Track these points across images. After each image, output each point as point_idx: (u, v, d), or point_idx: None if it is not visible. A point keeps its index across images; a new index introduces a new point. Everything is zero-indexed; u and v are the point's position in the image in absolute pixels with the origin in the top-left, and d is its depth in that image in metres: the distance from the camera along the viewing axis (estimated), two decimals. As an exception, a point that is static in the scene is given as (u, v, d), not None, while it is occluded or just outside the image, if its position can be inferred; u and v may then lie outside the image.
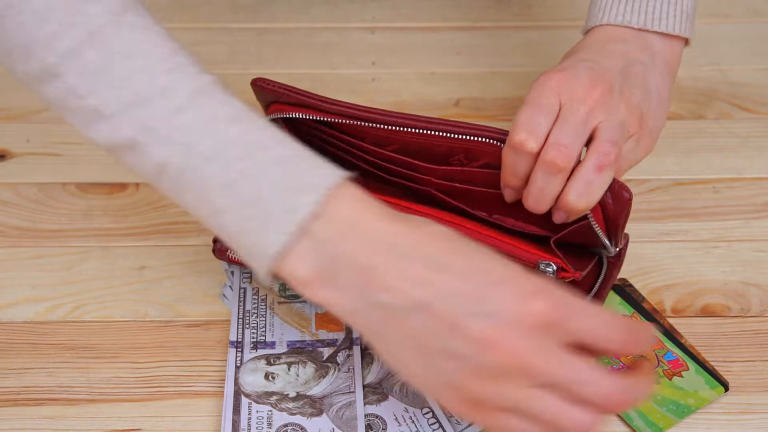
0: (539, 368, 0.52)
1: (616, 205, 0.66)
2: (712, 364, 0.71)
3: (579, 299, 0.53)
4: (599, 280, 0.70)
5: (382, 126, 0.69)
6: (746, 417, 0.68)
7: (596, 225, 0.66)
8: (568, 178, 0.65)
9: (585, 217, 0.66)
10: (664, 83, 0.72)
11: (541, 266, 0.65)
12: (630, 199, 0.65)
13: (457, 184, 0.70)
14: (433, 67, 0.98)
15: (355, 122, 0.69)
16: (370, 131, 0.69)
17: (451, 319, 0.52)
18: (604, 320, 0.53)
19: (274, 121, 0.72)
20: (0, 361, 0.71)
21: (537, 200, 0.65)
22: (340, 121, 0.69)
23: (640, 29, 0.72)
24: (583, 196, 0.64)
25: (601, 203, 0.66)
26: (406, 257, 0.53)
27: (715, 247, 0.80)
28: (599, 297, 0.69)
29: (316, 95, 0.70)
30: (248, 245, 0.55)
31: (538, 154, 0.65)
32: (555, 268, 0.65)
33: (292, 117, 0.70)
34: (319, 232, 0.53)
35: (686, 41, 0.74)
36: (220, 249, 0.71)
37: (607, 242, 0.67)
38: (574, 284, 0.68)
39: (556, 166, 0.64)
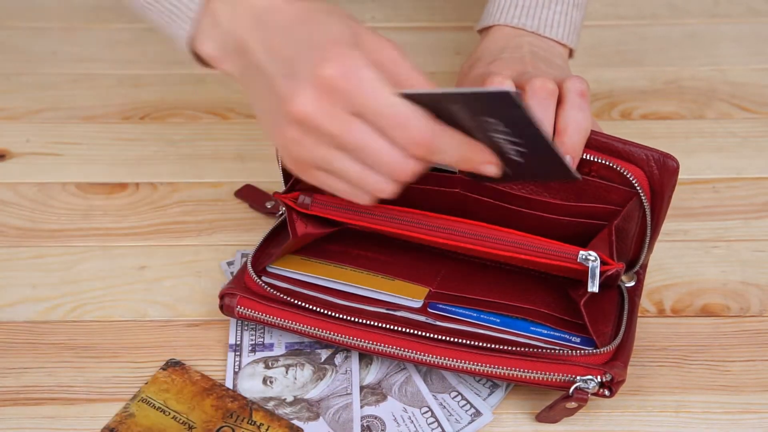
0: (325, 128, 0.57)
1: (662, 174, 0.66)
2: (712, 364, 0.71)
3: (379, 78, 0.57)
4: (625, 313, 0.69)
5: None
6: (746, 417, 0.68)
7: (644, 197, 0.66)
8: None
9: (633, 195, 0.66)
10: (568, 71, 0.76)
11: (582, 256, 0.64)
12: (677, 168, 0.66)
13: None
14: (433, 67, 0.98)
15: None
16: None
17: (270, 80, 0.59)
18: (393, 112, 0.57)
19: None
20: (0, 360, 0.71)
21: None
22: None
23: (533, 32, 0.77)
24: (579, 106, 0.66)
25: (648, 174, 0.66)
26: (266, 28, 0.61)
27: (715, 247, 0.80)
28: (629, 328, 0.68)
29: None
30: (170, 36, 0.65)
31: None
32: (596, 257, 0.64)
33: None
34: (218, 13, 0.62)
35: (571, 52, 0.79)
36: (227, 305, 0.70)
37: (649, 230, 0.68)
38: (603, 316, 0.67)
39: (546, 89, 0.66)
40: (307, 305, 0.69)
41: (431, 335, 0.67)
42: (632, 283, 0.71)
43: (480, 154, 0.60)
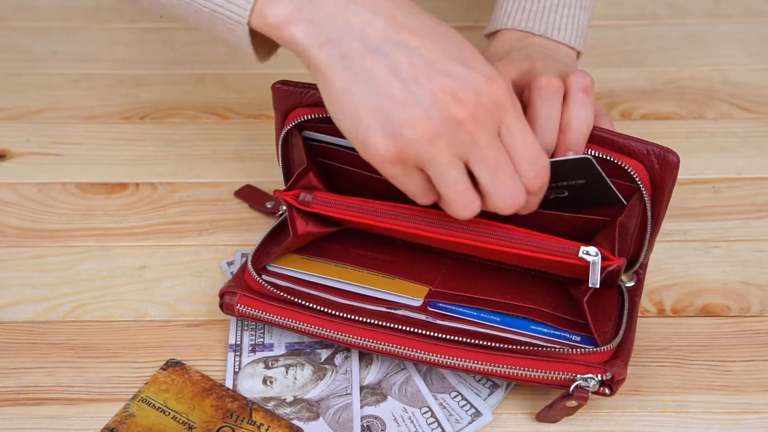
0: (476, 137, 0.58)
1: (663, 168, 0.66)
2: (712, 364, 0.71)
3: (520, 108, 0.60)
4: (625, 312, 0.69)
5: None
6: (746, 417, 0.68)
7: (645, 192, 0.66)
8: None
9: (634, 190, 0.66)
10: (574, 66, 0.77)
11: (583, 251, 0.65)
12: (677, 162, 0.66)
13: None
14: (433, 67, 0.97)
15: None
16: None
17: (415, 71, 0.57)
18: (535, 145, 0.60)
19: (291, 132, 0.71)
20: (0, 360, 0.71)
21: (546, 130, 0.66)
22: None
23: (541, 35, 0.77)
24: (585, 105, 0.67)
25: (648, 169, 0.66)
26: (383, 9, 0.58)
27: (715, 247, 0.80)
28: (630, 327, 0.68)
29: None
30: (225, 20, 0.59)
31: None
32: (597, 252, 0.64)
33: (315, 118, 0.69)
34: None
35: (578, 54, 0.79)
36: (227, 304, 0.70)
37: (649, 233, 0.68)
38: (603, 315, 0.68)
39: (552, 86, 0.66)
40: (307, 304, 0.69)
41: (431, 334, 0.67)
42: (632, 283, 0.71)
43: None
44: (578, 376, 0.64)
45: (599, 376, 0.64)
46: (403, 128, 0.57)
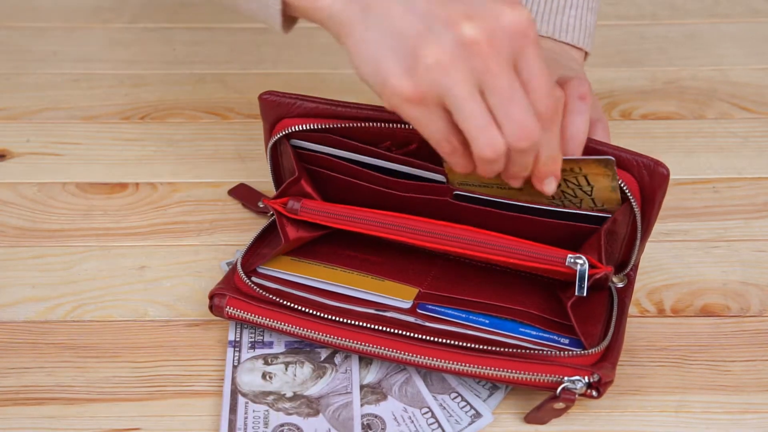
0: (489, 62, 0.56)
1: (653, 180, 0.66)
2: (712, 363, 0.71)
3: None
4: (614, 314, 0.69)
5: (400, 125, 0.67)
6: (746, 417, 0.68)
7: (635, 203, 0.66)
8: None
9: (625, 199, 0.66)
10: (580, 69, 0.76)
11: (570, 260, 0.65)
12: (667, 175, 0.66)
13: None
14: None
15: (372, 124, 0.68)
16: (388, 131, 0.68)
17: (430, 5, 0.57)
18: (548, 77, 0.58)
19: (279, 141, 0.71)
20: (0, 360, 0.71)
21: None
22: (354, 125, 0.68)
23: (548, 37, 0.77)
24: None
25: (638, 180, 0.66)
26: None
27: (715, 247, 0.80)
28: (618, 329, 0.68)
29: (330, 99, 0.69)
30: None
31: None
32: (585, 260, 0.64)
33: (302, 129, 0.69)
34: None
35: (585, 55, 0.79)
36: (217, 306, 0.70)
37: (639, 238, 0.68)
38: (591, 317, 0.67)
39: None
40: (295, 306, 0.69)
41: (419, 336, 0.67)
42: (622, 284, 0.71)
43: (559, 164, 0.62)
44: (565, 378, 0.64)
45: (587, 378, 0.64)
46: (416, 60, 0.57)
